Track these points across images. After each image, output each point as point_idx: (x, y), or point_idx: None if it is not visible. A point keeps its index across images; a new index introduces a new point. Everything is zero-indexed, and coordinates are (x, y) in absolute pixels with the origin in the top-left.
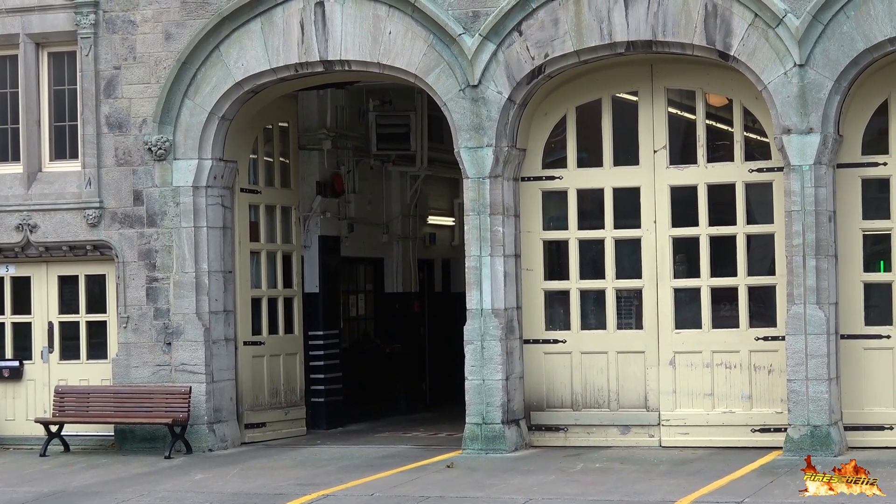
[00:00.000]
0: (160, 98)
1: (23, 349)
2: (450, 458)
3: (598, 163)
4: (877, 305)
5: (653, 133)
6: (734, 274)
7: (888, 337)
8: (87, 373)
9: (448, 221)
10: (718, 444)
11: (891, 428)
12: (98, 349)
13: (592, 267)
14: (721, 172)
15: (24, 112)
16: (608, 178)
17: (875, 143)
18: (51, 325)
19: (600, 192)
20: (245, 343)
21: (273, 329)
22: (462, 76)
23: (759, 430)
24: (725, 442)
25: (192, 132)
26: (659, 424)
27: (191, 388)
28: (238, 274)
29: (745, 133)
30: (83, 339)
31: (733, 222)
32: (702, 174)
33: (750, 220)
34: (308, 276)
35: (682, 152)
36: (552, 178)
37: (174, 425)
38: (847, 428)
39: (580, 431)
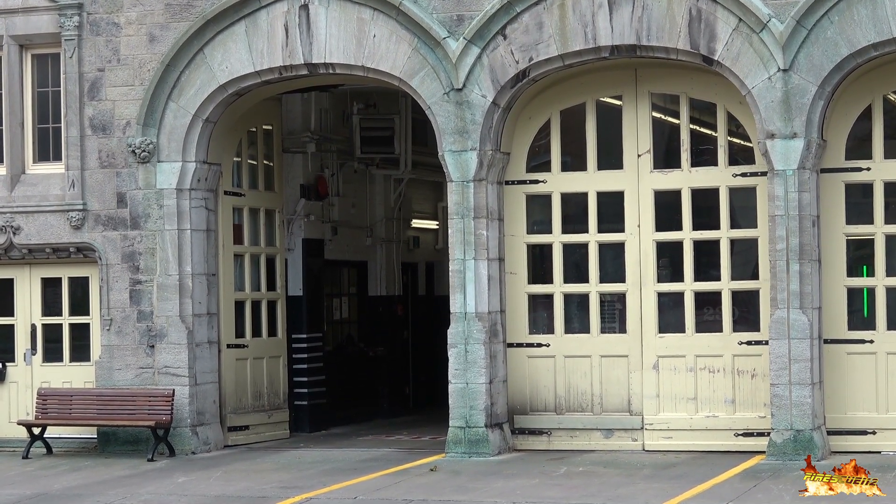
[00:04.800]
0: (144, 100)
1: (5, 351)
2: (433, 461)
3: (582, 167)
4: (860, 310)
5: (637, 137)
6: (718, 278)
7: (871, 342)
8: (70, 375)
9: (432, 225)
10: (702, 448)
11: (874, 433)
12: (81, 351)
13: (576, 271)
14: (705, 177)
15: (8, 114)
16: (592, 182)
17: (859, 147)
18: (34, 327)
19: (584, 196)
20: (228, 346)
21: (256, 332)
22: (446, 80)
23: (742, 435)
24: (708, 446)
25: (176, 135)
26: (642, 428)
27: (174, 390)
28: (222, 277)
29: (728, 138)
30: (66, 342)
31: (717, 227)
32: (685, 178)
33: (734, 224)
34: (292, 279)
35: (665, 156)
36: (536, 181)
37: (157, 428)
38: (830, 432)
39: (563, 435)
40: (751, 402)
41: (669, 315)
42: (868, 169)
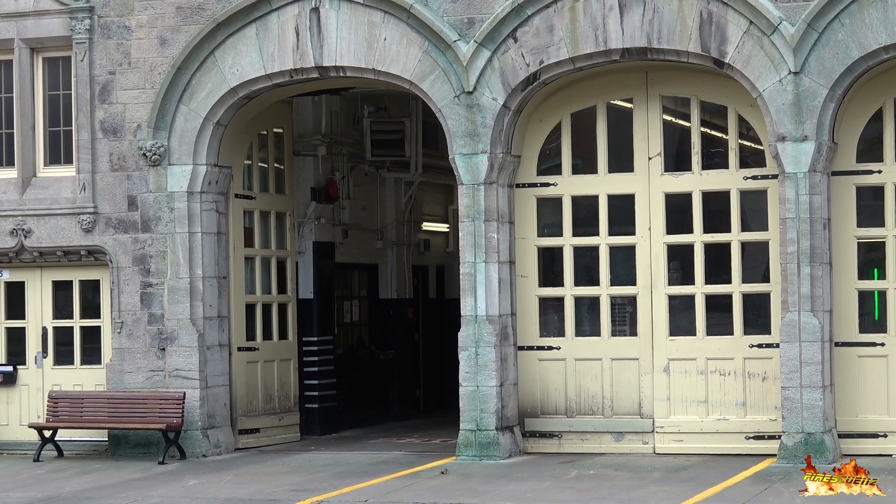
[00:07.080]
0: (155, 103)
1: (17, 354)
2: (444, 464)
3: (592, 170)
4: (871, 313)
5: (647, 140)
6: (728, 281)
7: (882, 345)
8: (81, 378)
9: (442, 228)
10: (712, 451)
11: (885, 436)
12: (92, 354)
13: (587, 274)
14: (716, 180)
15: (19, 117)
16: (603, 185)
17: (869, 150)
18: (45, 330)
19: (595, 199)
20: (239, 349)
21: (267, 335)
22: (457, 83)
23: (753, 438)
24: (719, 449)
25: (187, 138)
26: (653, 431)
27: (185, 393)
28: (232, 279)
29: (739, 140)
30: (77, 345)
31: (728, 230)
32: (696, 181)
33: (744, 227)
34: (302, 282)
35: (676, 159)
36: (547, 184)
37: (168, 431)
38: (841, 435)
39: (574, 438)
40: (762, 405)
41: (680, 318)
42: (879, 171)
